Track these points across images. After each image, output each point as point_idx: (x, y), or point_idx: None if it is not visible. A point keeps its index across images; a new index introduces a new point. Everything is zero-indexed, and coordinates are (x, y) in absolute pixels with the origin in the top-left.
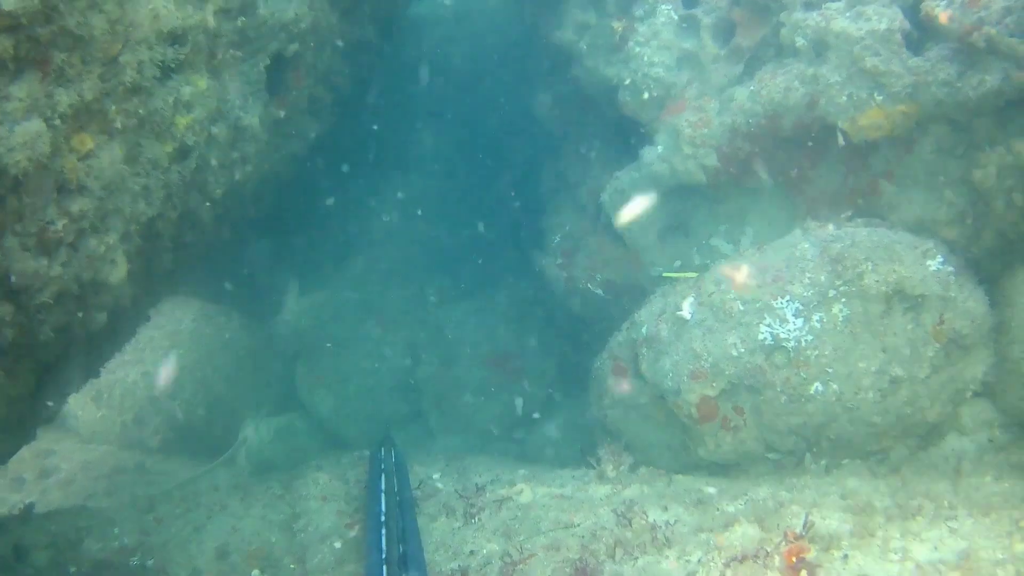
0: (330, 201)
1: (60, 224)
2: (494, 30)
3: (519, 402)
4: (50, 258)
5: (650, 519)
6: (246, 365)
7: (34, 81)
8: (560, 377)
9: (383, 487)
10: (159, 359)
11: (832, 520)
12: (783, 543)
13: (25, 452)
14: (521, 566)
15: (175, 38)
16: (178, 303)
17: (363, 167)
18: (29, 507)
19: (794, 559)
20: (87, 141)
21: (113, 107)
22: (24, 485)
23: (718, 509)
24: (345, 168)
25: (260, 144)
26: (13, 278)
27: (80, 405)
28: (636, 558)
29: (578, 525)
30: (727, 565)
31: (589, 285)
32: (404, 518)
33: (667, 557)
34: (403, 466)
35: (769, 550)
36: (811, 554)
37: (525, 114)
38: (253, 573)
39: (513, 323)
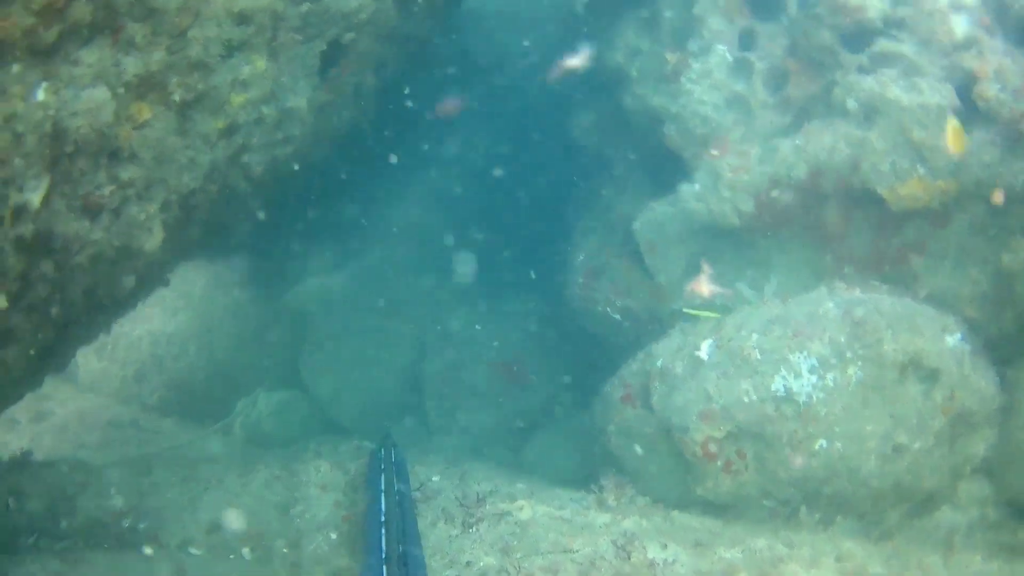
0: (358, 187)
1: (107, 190)
2: (543, 38)
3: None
4: (92, 222)
5: (649, 555)
6: (253, 337)
7: (104, 48)
8: (565, 393)
9: (383, 486)
10: (167, 318)
11: None
12: None
13: None
14: None
15: (243, 18)
16: (193, 266)
17: (394, 159)
18: (27, 454)
19: None
20: (145, 111)
21: (175, 80)
22: (17, 427)
23: (715, 553)
24: (376, 158)
25: (305, 127)
26: (56, 238)
27: (81, 355)
28: None
29: (577, 551)
30: None
31: (608, 309)
32: (404, 518)
33: None
34: (403, 466)
35: None
36: None
37: (564, 128)
38: (244, 551)
39: (525, 333)
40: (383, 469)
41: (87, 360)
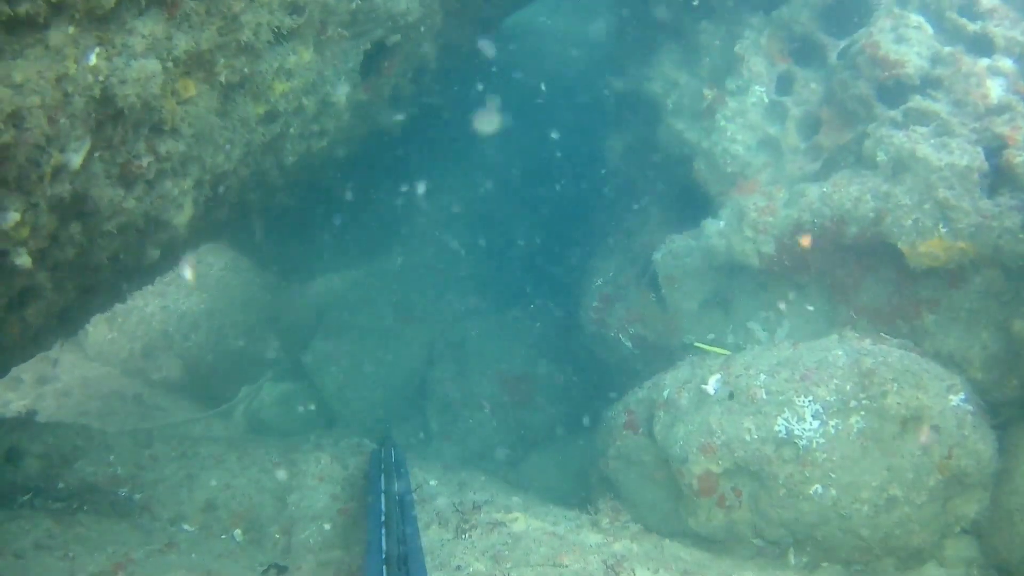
0: (385, 189)
1: (145, 161)
2: (584, 60)
3: None
4: (127, 190)
5: None
6: (264, 324)
7: (160, 21)
8: (567, 412)
9: (383, 487)
10: (181, 296)
11: None
12: None
13: None
14: None
15: (294, 7)
16: (212, 248)
17: (423, 165)
18: (31, 413)
19: None
20: (190, 88)
21: (222, 60)
22: (21, 386)
23: None
24: (406, 162)
25: (341, 122)
26: (90, 201)
27: (92, 323)
28: None
29: (567, 567)
30: None
31: (620, 335)
32: (404, 518)
33: None
34: (403, 466)
35: None
36: None
37: (594, 151)
38: (235, 532)
39: (534, 350)
40: (383, 469)
41: (97, 329)
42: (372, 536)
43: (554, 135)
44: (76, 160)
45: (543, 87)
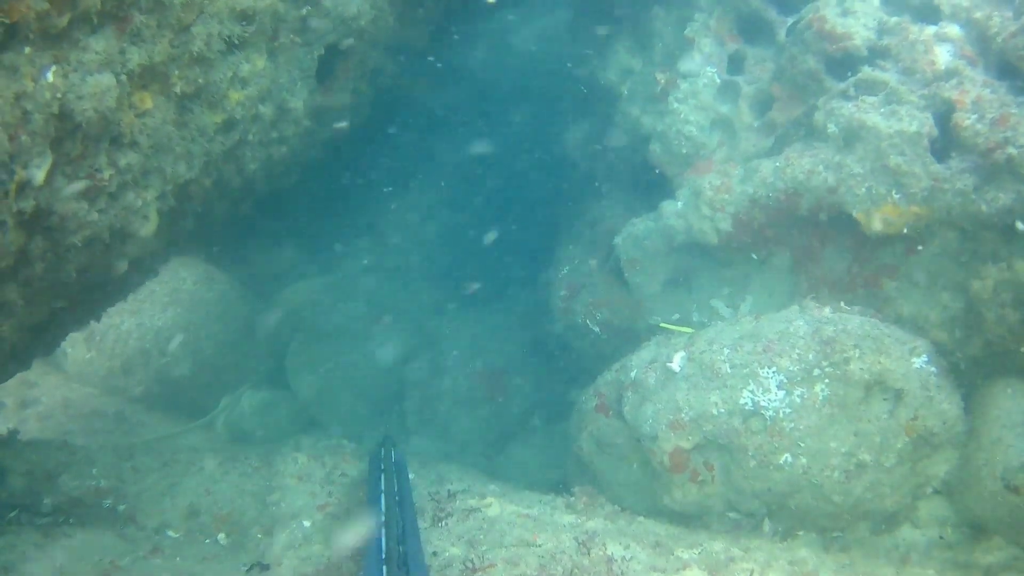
0: (350, 192)
1: (107, 173)
2: (540, 52)
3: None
4: (90, 203)
5: (608, 551)
6: (240, 335)
7: (112, 37)
8: (543, 402)
9: (383, 487)
10: (156, 312)
11: None
12: None
13: (10, 380)
14: (480, 574)
15: (245, 16)
16: (184, 262)
17: (386, 165)
18: (13, 433)
19: None
20: (147, 100)
21: (176, 72)
22: (3, 411)
23: (673, 553)
24: (369, 164)
25: (299, 128)
26: (54, 216)
27: (70, 343)
28: None
29: (540, 545)
30: None
31: (588, 321)
32: (404, 518)
33: None
34: (403, 466)
35: None
36: None
37: (555, 142)
38: (219, 536)
39: (507, 343)
40: (383, 470)
41: (76, 350)
42: (371, 536)
43: (517, 131)
44: (39, 175)
45: (504, 84)
